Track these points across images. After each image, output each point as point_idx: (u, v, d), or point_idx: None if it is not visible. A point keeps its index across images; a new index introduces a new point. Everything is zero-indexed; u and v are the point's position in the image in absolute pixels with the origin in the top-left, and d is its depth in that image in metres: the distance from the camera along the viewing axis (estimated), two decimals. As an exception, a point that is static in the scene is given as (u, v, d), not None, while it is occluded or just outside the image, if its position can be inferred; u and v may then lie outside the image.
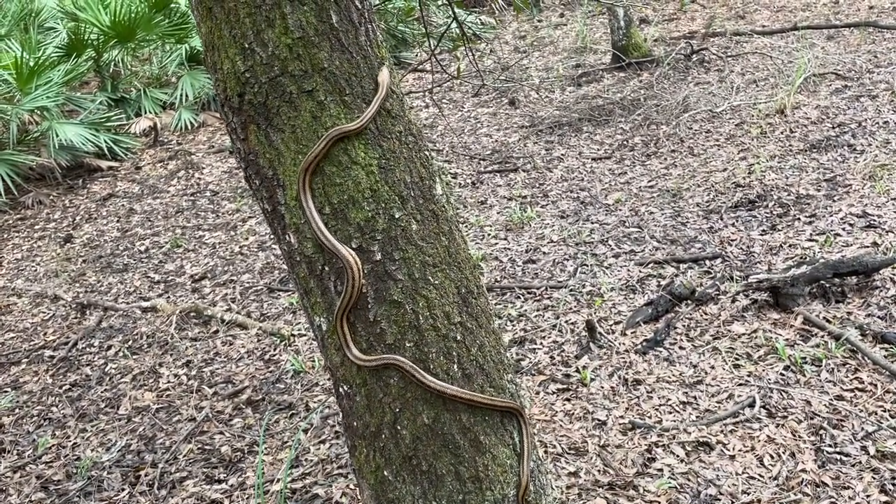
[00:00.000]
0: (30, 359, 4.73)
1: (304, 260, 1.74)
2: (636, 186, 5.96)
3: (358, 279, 1.67)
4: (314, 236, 1.69)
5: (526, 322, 4.28)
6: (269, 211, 1.76)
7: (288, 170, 1.69)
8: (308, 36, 1.64)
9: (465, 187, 6.54)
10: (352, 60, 1.69)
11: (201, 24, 1.69)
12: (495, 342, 1.90)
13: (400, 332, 1.73)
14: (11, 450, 3.84)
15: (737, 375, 3.54)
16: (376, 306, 1.72)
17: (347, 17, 1.68)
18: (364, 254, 1.70)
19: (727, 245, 4.78)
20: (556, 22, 12.48)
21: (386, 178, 1.72)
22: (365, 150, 1.70)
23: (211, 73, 1.72)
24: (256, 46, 1.63)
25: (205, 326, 4.86)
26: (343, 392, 1.82)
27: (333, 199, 1.68)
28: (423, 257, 1.75)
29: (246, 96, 1.67)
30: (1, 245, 6.80)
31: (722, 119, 7.03)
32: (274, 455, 3.53)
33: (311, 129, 1.67)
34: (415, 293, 1.73)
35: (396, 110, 1.78)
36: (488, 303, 1.92)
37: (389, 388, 1.74)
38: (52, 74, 8.12)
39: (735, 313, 4.01)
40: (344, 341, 1.72)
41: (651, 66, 9.00)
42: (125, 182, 8.08)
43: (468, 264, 1.88)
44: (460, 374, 1.78)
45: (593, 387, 3.59)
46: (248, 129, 1.70)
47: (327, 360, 1.84)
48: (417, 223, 1.75)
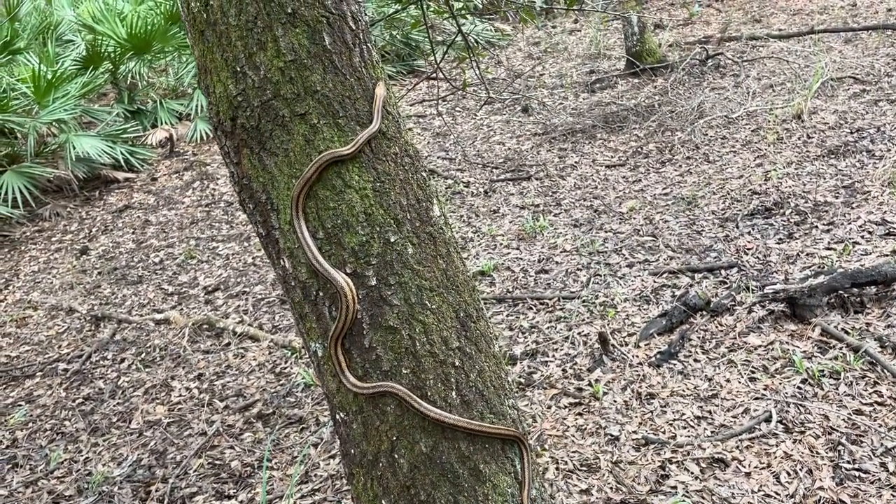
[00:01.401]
0: (44, 372, 4.76)
1: (299, 285, 1.71)
2: (650, 194, 5.90)
3: (352, 305, 1.64)
4: (308, 261, 1.66)
5: (538, 334, 4.24)
6: (264, 235, 1.74)
7: (282, 193, 1.67)
8: (300, 58, 1.62)
9: (478, 196, 6.51)
10: (345, 82, 1.67)
11: (194, 47, 1.68)
12: (496, 366, 1.86)
13: (396, 358, 1.69)
14: (24, 464, 3.85)
15: (753, 389, 3.47)
16: (371, 332, 1.68)
17: (341, 38, 1.65)
18: (359, 279, 1.67)
19: (743, 254, 4.71)
20: (569, 28, 12.43)
21: (381, 201, 1.69)
22: (359, 173, 1.67)
23: (204, 96, 1.70)
24: (248, 70, 1.61)
25: (217, 339, 4.86)
26: (340, 419, 1.79)
27: (327, 224, 1.66)
28: (419, 281, 1.72)
29: (238, 120, 1.65)
30: (18, 257, 6.86)
31: (738, 125, 6.95)
32: (283, 470, 3.51)
33: (304, 152, 1.64)
34: (411, 318, 1.70)
35: (392, 131, 1.75)
36: (489, 326, 1.89)
37: (386, 416, 1.71)
38: (70, 87, 8.20)
39: (751, 324, 3.95)
40: (339, 368, 1.69)
41: (666, 72, 8.93)
42: (141, 193, 8.13)
43: (467, 287, 1.84)
44: (459, 401, 1.74)
45: (606, 401, 3.54)
46: (241, 153, 1.68)
47: (324, 386, 1.81)
48: (414, 246, 1.72)
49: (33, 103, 8.02)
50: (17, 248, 7.07)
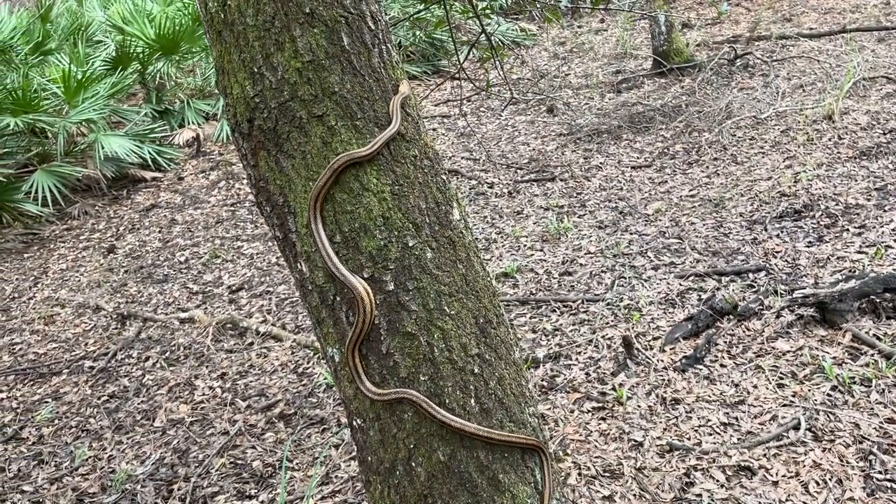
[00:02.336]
0: (70, 369, 4.81)
1: (316, 289, 1.69)
2: (677, 196, 5.82)
3: (369, 310, 1.62)
4: (324, 266, 1.64)
5: (561, 336, 4.20)
6: (281, 238, 1.73)
7: (299, 196, 1.65)
8: (318, 59, 1.60)
9: (502, 197, 6.47)
10: (364, 84, 1.64)
11: (212, 48, 1.67)
12: (516, 373, 1.83)
13: (414, 364, 1.67)
14: (49, 461, 3.89)
15: (781, 395, 3.40)
16: (389, 338, 1.66)
17: (360, 38, 1.63)
18: (376, 284, 1.64)
19: (772, 257, 4.62)
20: (596, 27, 12.33)
21: (399, 204, 1.66)
22: (377, 176, 1.65)
23: (222, 97, 1.69)
24: (266, 71, 1.60)
25: (240, 338, 4.88)
26: (357, 426, 1.76)
27: (344, 228, 1.64)
28: (438, 286, 1.69)
29: (255, 122, 1.63)
30: (47, 255, 6.96)
31: (767, 125, 6.83)
32: (304, 471, 3.51)
33: (321, 154, 1.62)
34: (429, 324, 1.67)
35: (411, 133, 1.72)
36: (509, 332, 1.85)
37: (404, 423, 1.68)
38: (99, 87, 8.31)
39: (779, 329, 3.86)
40: (356, 374, 1.67)
41: (693, 72, 8.81)
42: (168, 193, 8.21)
43: (487, 292, 1.81)
44: (478, 409, 1.71)
45: (630, 405, 3.49)
46: (258, 155, 1.67)
47: (341, 391, 1.79)
48: (433, 251, 1.69)
49: (63, 103, 8.14)
50: (47, 246, 7.17)
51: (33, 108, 7.67)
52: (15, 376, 4.82)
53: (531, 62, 10.78)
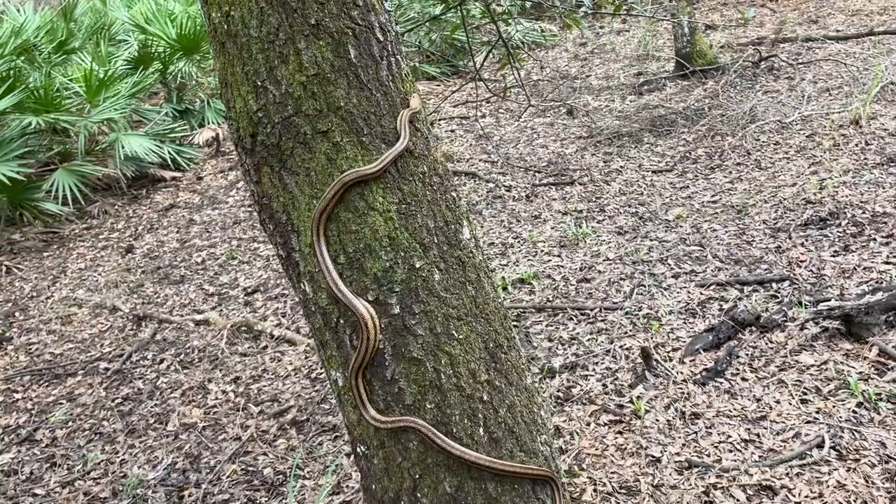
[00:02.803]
0: (86, 370, 4.81)
1: (319, 311, 1.64)
2: (699, 201, 5.71)
3: (374, 335, 1.56)
4: (327, 287, 1.59)
5: (578, 346, 4.12)
6: (284, 257, 1.67)
7: (302, 214, 1.59)
8: (324, 73, 1.54)
9: (519, 201, 6.40)
10: (371, 98, 1.59)
11: (216, 60, 1.62)
12: (528, 400, 1.76)
13: (420, 391, 1.61)
14: (62, 464, 3.89)
15: (804, 412, 3.30)
16: (394, 364, 1.60)
17: (367, 51, 1.57)
18: (381, 307, 1.59)
19: (796, 267, 4.51)
20: (617, 28, 12.20)
21: (406, 224, 1.60)
22: (383, 194, 1.59)
23: (225, 111, 1.65)
24: (269, 84, 1.54)
25: (254, 341, 4.86)
26: (360, 452, 1.71)
27: (349, 248, 1.58)
28: (446, 310, 1.62)
29: (258, 137, 1.58)
30: (66, 254, 6.99)
31: (792, 130, 6.69)
32: (315, 479, 3.47)
33: (326, 171, 1.57)
34: (436, 349, 1.61)
35: (420, 149, 1.66)
36: (521, 356, 1.78)
37: (409, 452, 1.62)
38: (120, 87, 8.34)
39: (803, 342, 3.76)
40: (360, 400, 1.62)
41: (716, 74, 8.67)
42: (187, 192, 8.23)
43: (498, 315, 1.74)
44: (486, 438, 1.64)
45: (648, 419, 3.41)
46: (261, 172, 1.61)
47: (344, 416, 1.73)
48: (441, 272, 1.63)
49: (85, 102, 8.18)
50: (66, 244, 7.21)
51: (55, 108, 7.71)
52: (31, 377, 4.83)
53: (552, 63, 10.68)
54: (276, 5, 1.50)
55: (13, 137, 7.36)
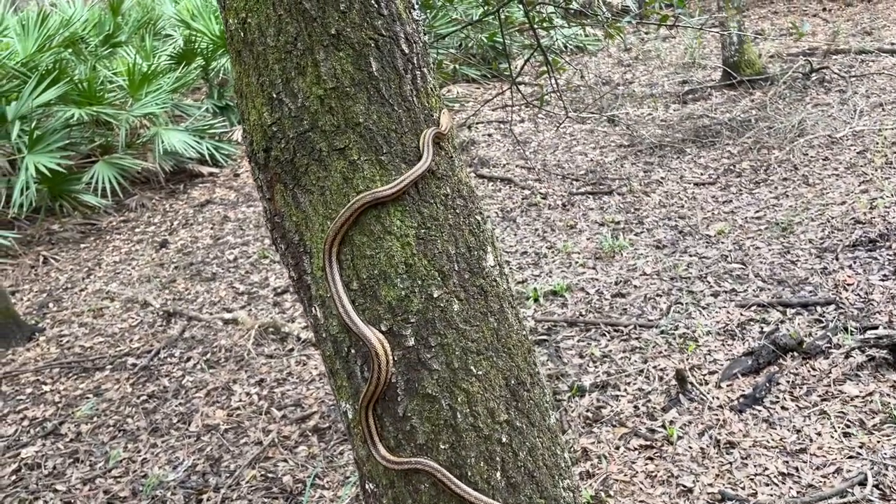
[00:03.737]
0: (114, 365, 4.83)
1: (330, 338, 1.55)
2: (742, 217, 5.52)
3: (385, 368, 1.47)
4: (338, 314, 1.50)
5: (610, 364, 3.99)
6: (295, 279, 1.59)
7: (315, 235, 1.50)
8: (342, 86, 1.45)
9: (555, 209, 6.27)
10: (392, 114, 1.49)
11: (232, 68, 1.54)
12: (550, 442, 1.65)
13: (433, 431, 1.51)
14: (85, 460, 3.89)
15: (846, 446, 3.13)
16: (407, 400, 1.50)
17: (391, 63, 1.48)
18: (395, 338, 1.49)
19: (842, 290, 4.31)
20: (663, 34, 11.97)
21: (425, 250, 1.50)
22: (401, 217, 1.49)
23: (239, 122, 1.57)
24: (285, 97, 1.46)
25: (281, 343, 4.82)
26: (369, 490, 1.62)
27: (362, 274, 1.49)
28: (464, 343, 1.52)
29: (272, 152, 1.50)
30: (103, 246, 7.06)
31: (842, 146, 6.45)
32: (335, 490, 3.41)
33: (341, 191, 1.48)
34: (453, 386, 1.51)
35: (444, 169, 1.56)
36: (545, 393, 1.67)
37: (420, 495, 1.52)
38: (163, 81, 8.40)
39: (848, 371, 3.58)
40: (369, 437, 1.53)
41: (765, 85, 8.43)
42: (223, 189, 8.26)
43: (521, 348, 1.63)
44: (504, 483, 1.54)
45: (680, 446, 3.27)
46: (274, 188, 1.53)
47: (353, 450, 1.64)
48: (460, 302, 1.53)
49: (128, 96, 8.26)
50: (103, 237, 7.28)
51: (98, 101, 7.79)
52: (60, 369, 4.86)
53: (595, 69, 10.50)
54: (295, 13, 1.42)
55: (56, 129, 7.46)
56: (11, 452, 4.04)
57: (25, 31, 8.52)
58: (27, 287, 6.33)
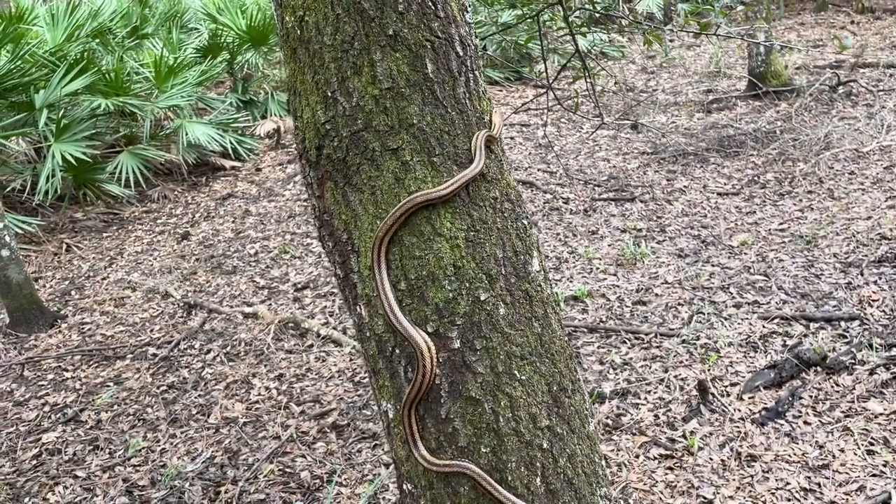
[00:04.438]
0: (134, 355, 4.86)
1: (374, 337, 1.56)
2: (765, 228, 5.49)
3: (430, 369, 1.47)
4: (384, 314, 1.50)
5: (630, 371, 3.98)
6: (341, 277, 1.59)
7: (364, 235, 1.51)
8: (398, 87, 1.46)
9: (577, 214, 6.25)
10: (445, 116, 1.49)
11: (286, 65, 1.55)
12: (589, 450, 1.64)
13: (475, 434, 1.51)
14: (105, 447, 3.92)
15: (870, 463, 3.10)
16: (450, 402, 1.50)
17: (445, 65, 1.48)
18: (441, 340, 1.49)
19: (867, 306, 4.28)
20: (689, 43, 11.91)
21: (473, 253, 1.50)
22: (451, 219, 1.49)
23: (292, 119, 1.57)
24: (340, 96, 1.46)
25: (301, 339, 4.84)
26: (406, 490, 1.62)
27: (410, 275, 1.49)
28: (509, 347, 1.52)
29: (325, 150, 1.50)
30: (125, 236, 7.11)
31: (869, 160, 6.40)
32: (352, 488, 3.42)
33: (392, 191, 1.48)
34: (496, 390, 1.51)
35: (494, 173, 1.56)
36: (585, 401, 1.67)
37: (459, 498, 1.52)
38: (188, 74, 8.46)
39: (872, 388, 3.55)
40: (411, 437, 1.53)
41: (791, 96, 8.37)
42: (245, 183, 8.30)
43: (563, 355, 1.63)
44: (543, 490, 1.53)
45: (701, 457, 3.25)
46: (324, 186, 1.54)
47: (392, 450, 1.65)
48: (506, 306, 1.53)
49: (153, 88, 8.32)
50: (125, 227, 7.34)
51: (124, 91, 7.86)
52: (81, 356, 4.91)
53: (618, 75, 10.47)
54: (354, 13, 1.42)
55: (83, 118, 7.53)
56: (32, 437, 4.09)
57: (55, 20, 8.61)
58: (50, 274, 6.39)
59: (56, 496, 3.58)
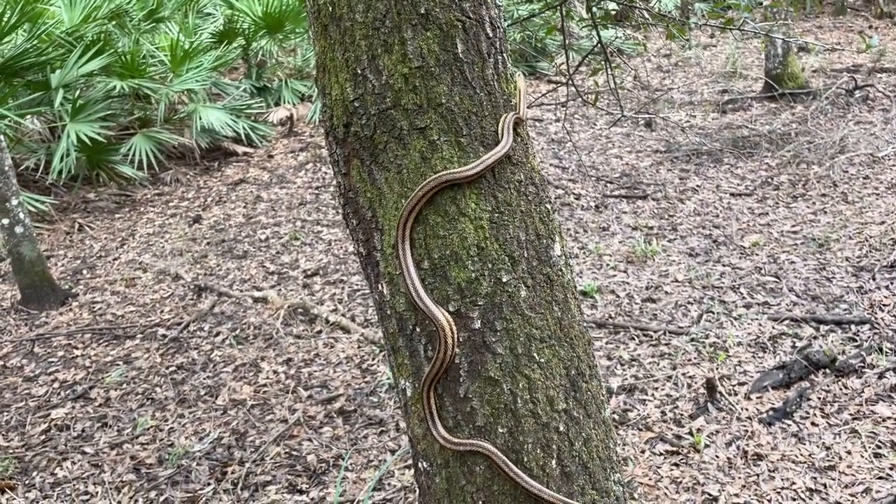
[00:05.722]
0: (144, 335, 4.89)
1: (395, 315, 1.56)
2: (777, 230, 5.47)
3: (451, 347, 1.47)
4: (407, 292, 1.51)
5: (638, 368, 3.98)
6: (364, 255, 1.60)
7: (389, 213, 1.52)
8: (428, 66, 1.46)
9: (588, 210, 6.25)
10: (474, 97, 1.50)
11: (315, 42, 1.55)
12: (605, 435, 1.65)
13: (493, 414, 1.52)
14: (113, 425, 3.95)
15: (877, 466, 3.10)
16: (469, 381, 1.51)
17: (475, 46, 1.48)
18: (462, 319, 1.50)
19: (878, 310, 4.26)
20: (705, 42, 11.86)
21: (497, 234, 1.51)
22: (476, 200, 1.50)
23: (320, 97, 1.58)
24: (370, 73, 1.47)
25: (309, 324, 4.86)
26: (422, 468, 1.63)
27: (434, 254, 1.50)
28: (529, 329, 1.53)
29: (352, 128, 1.51)
30: (137, 218, 7.14)
31: (884, 165, 6.37)
32: (358, 473, 3.43)
33: (418, 170, 1.49)
34: (515, 371, 1.51)
35: (519, 156, 1.56)
36: (601, 387, 1.68)
37: (474, 477, 1.53)
38: (203, 59, 8.48)
39: (881, 392, 3.54)
40: (429, 415, 1.54)
41: (807, 99, 8.33)
42: (256, 169, 8.32)
43: (582, 340, 1.64)
44: (559, 472, 1.54)
45: (707, 454, 3.25)
46: (350, 164, 1.54)
47: (409, 428, 1.66)
48: (527, 289, 1.54)
49: (168, 71, 8.34)
50: (137, 208, 7.37)
51: (140, 74, 7.88)
52: (91, 335, 4.94)
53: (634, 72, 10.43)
54: (386, -10, 1.43)
55: (98, 99, 7.56)
56: (42, 413, 4.12)
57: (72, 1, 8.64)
58: (62, 253, 6.43)
59: (64, 471, 3.61)
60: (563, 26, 3.31)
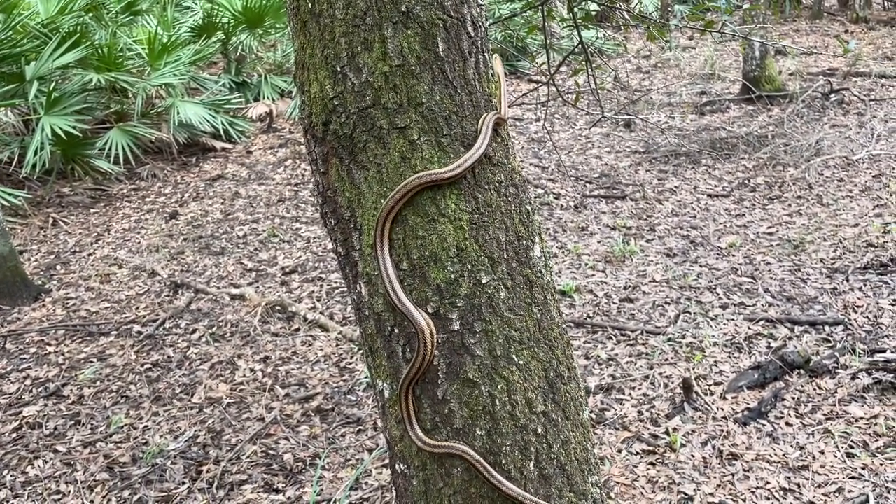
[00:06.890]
0: (119, 332, 4.83)
1: (373, 316, 1.55)
2: (754, 231, 5.53)
3: (430, 349, 1.46)
4: (385, 293, 1.50)
5: (615, 367, 4.00)
6: (342, 255, 1.58)
7: (367, 213, 1.50)
8: (408, 65, 1.45)
9: (567, 210, 6.27)
10: (454, 96, 1.49)
11: (295, 39, 1.53)
12: (583, 437, 1.65)
13: (471, 416, 1.51)
14: (86, 423, 3.89)
15: (849, 466, 3.14)
16: (447, 383, 1.50)
17: (457, 45, 1.47)
18: (440, 321, 1.49)
19: (851, 311, 4.32)
20: (684, 44, 11.95)
21: (477, 235, 1.50)
22: (456, 201, 1.49)
23: (298, 94, 1.56)
24: (349, 71, 1.45)
25: (287, 322, 4.82)
26: (399, 470, 1.62)
27: (413, 255, 1.48)
28: (508, 331, 1.52)
29: (331, 126, 1.49)
30: (112, 213, 7.05)
31: (858, 168, 6.46)
32: (335, 472, 3.41)
33: (398, 170, 1.47)
34: (494, 373, 1.51)
35: (499, 156, 1.56)
36: (580, 388, 1.68)
37: (451, 479, 1.53)
38: (182, 53, 8.38)
39: (854, 393, 3.59)
40: (407, 417, 1.53)
41: (783, 102, 8.43)
42: (235, 165, 8.25)
43: (561, 342, 1.64)
44: (537, 474, 1.54)
45: (683, 454, 3.28)
46: (329, 162, 1.53)
47: (386, 430, 1.65)
48: (507, 290, 1.53)
49: (146, 65, 8.24)
50: (113, 203, 7.28)
51: (117, 67, 7.78)
52: (65, 331, 4.87)
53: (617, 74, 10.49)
54: (366, -13, 1.41)
55: (73, 92, 7.45)
56: (13, 410, 4.05)
57: (48, -8, 8.50)
58: (35, 248, 6.33)
59: (35, 470, 3.55)
60: (545, 26, 3.30)
